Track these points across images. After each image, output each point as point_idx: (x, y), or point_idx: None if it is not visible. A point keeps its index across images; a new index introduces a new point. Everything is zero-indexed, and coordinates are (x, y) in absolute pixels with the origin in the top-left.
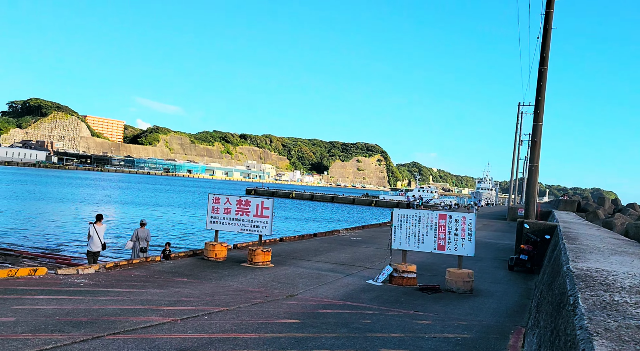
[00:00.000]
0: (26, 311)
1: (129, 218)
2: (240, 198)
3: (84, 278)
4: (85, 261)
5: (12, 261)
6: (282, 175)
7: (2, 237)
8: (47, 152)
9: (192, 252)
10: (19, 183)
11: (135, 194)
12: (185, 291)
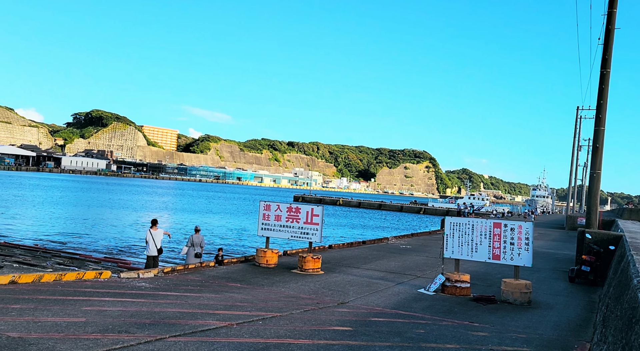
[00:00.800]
0: (95, 312)
1: (184, 224)
2: (290, 205)
3: (145, 282)
4: (144, 265)
5: (78, 264)
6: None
7: (69, 242)
8: (107, 161)
9: (244, 258)
10: (82, 191)
11: (189, 201)
12: (239, 297)
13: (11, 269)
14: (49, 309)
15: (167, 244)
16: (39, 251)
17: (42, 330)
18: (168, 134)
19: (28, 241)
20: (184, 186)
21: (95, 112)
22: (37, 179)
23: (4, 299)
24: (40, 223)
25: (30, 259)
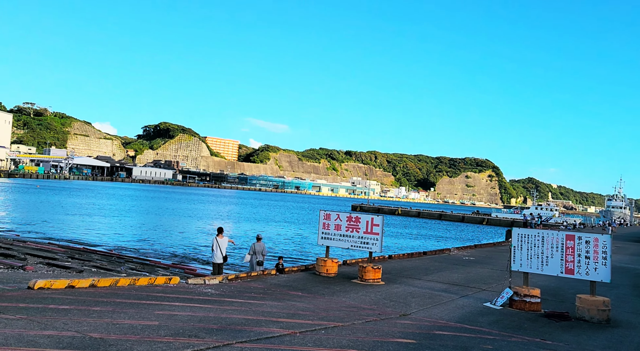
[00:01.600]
0: (166, 316)
1: (246, 232)
2: (350, 214)
3: (211, 288)
4: (209, 271)
5: (149, 270)
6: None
7: (140, 248)
8: (174, 171)
9: (304, 267)
10: (152, 199)
11: (250, 209)
12: (301, 305)
13: (90, 273)
14: (125, 312)
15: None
16: (113, 257)
17: (120, 331)
18: (230, 145)
19: (104, 247)
20: (244, 195)
21: (163, 124)
22: (112, 189)
23: (86, 301)
24: (115, 230)
25: (106, 265)
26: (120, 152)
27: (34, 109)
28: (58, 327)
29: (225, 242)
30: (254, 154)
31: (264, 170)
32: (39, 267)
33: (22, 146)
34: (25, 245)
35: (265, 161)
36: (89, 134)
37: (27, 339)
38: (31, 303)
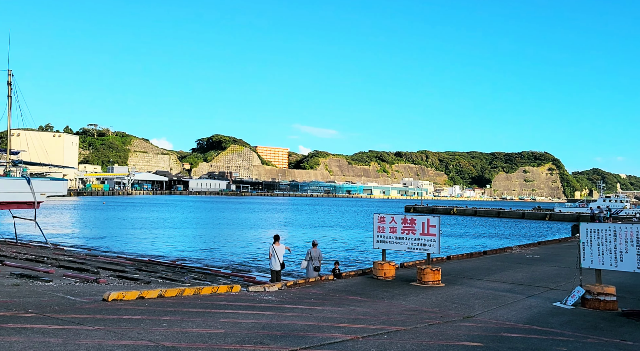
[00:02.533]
0: (231, 324)
1: (301, 238)
2: (405, 216)
3: (271, 295)
4: (267, 279)
5: (210, 279)
6: (440, 191)
7: (201, 258)
8: (227, 182)
9: (361, 271)
10: (209, 210)
11: (303, 215)
12: (361, 310)
13: (157, 284)
14: (192, 321)
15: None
16: (177, 268)
17: (189, 340)
18: (280, 153)
19: (167, 258)
20: (297, 201)
21: (215, 136)
22: (171, 202)
23: (155, 311)
24: (176, 241)
25: (171, 275)
26: (176, 166)
27: (97, 130)
28: (133, 337)
29: (282, 249)
30: (303, 160)
31: (314, 176)
32: (110, 280)
33: (88, 166)
34: (97, 259)
35: (315, 166)
36: (148, 151)
37: (106, 349)
38: (107, 314)
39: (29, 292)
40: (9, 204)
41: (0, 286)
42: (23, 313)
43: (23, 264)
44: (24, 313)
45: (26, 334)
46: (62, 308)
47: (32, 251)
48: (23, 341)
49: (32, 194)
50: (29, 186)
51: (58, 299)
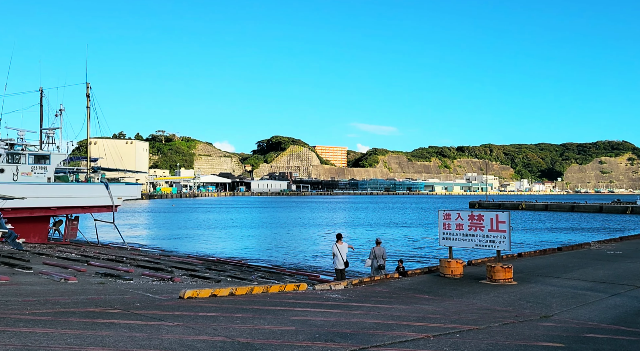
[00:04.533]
0: (301, 322)
1: (363, 236)
2: (472, 212)
3: (337, 294)
4: (330, 277)
5: (276, 277)
6: (506, 185)
7: (266, 257)
8: (288, 182)
9: (427, 269)
10: (271, 210)
11: (364, 214)
12: (430, 308)
13: (227, 282)
14: (263, 318)
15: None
16: (244, 267)
17: (262, 336)
18: (338, 152)
19: (234, 257)
20: (357, 200)
21: (275, 138)
22: (234, 203)
23: (228, 309)
24: (241, 241)
25: (239, 274)
26: (238, 168)
27: (164, 136)
28: (210, 333)
29: (345, 248)
30: (362, 158)
31: (373, 174)
32: (184, 278)
33: (157, 170)
34: (170, 259)
35: (374, 164)
36: (211, 154)
37: (186, 344)
38: (184, 311)
39: (113, 290)
40: (90, 208)
41: (89, 285)
42: (110, 309)
43: (106, 264)
44: (111, 309)
45: (115, 329)
46: (144, 305)
47: (112, 252)
48: (113, 336)
49: (110, 198)
50: (107, 191)
51: (139, 296)
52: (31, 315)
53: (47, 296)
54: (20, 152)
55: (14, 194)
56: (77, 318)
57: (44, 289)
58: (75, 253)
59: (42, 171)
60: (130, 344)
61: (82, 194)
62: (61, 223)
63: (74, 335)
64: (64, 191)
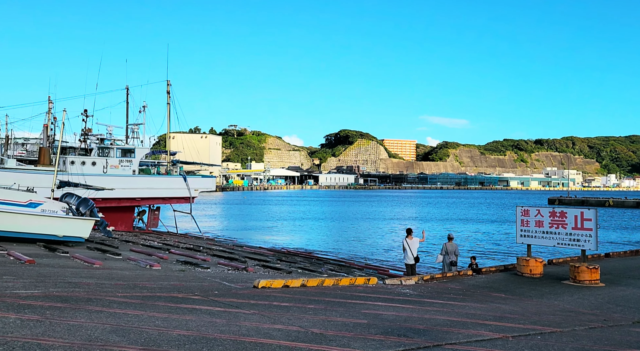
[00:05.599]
0: (372, 316)
1: (433, 231)
2: (553, 209)
3: (408, 289)
4: (399, 272)
5: (345, 271)
6: (590, 181)
7: (335, 250)
8: (355, 175)
9: (503, 267)
10: (338, 204)
11: (434, 209)
12: (507, 308)
13: (297, 274)
14: (335, 310)
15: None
16: (313, 259)
17: (335, 328)
18: (407, 145)
19: (303, 249)
20: (426, 194)
21: (343, 132)
22: (302, 195)
23: (300, 299)
24: (310, 233)
25: (308, 266)
26: (307, 162)
27: (236, 130)
28: (284, 322)
29: (415, 243)
30: (432, 152)
31: (444, 168)
32: (256, 268)
33: (230, 163)
34: (243, 249)
35: (445, 158)
36: (280, 148)
37: (263, 331)
38: (259, 300)
39: (192, 277)
40: (170, 199)
41: (171, 272)
42: (191, 295)
43: (185, 253)
44: (192, 295)
45: (196, 314)
46: (221, 292)
47: (189, 241)
48: (195, 320)
49: (188, 190)
50: (185, 183)
51: (216, 284)
52: (123, 297)
53: (135, 281)
54: (109, 146)
55: (104, 186)
56: (163, 302)
57: (132, 275)
58: (157, 241)
59: (128, 164)
60: (211, 329)
61: (162, 186)
62: (144, 212)
63: (161, 318)
64: (147, 183)
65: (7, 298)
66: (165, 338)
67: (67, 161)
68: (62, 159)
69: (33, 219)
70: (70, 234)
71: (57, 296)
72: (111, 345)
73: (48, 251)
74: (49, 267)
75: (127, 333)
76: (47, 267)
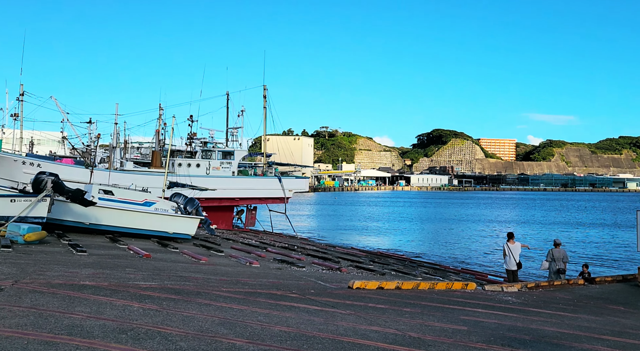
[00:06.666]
0: (473, 322)
1: (538, 236)
2: None
3: (510, 296)
4: (499, 278)
5: (440, 274)
6: None
7: (429, 253)
8: (449, 176)
9: (621, 277)
10: (432, 206)
11: (538, 212)
12: (628, 322)
13: (391, 276)
14: (432, 314)
15: (523, 256)
16: (406, 261)
17: (433, 333)
18: (505, 145)
19: (396, 251)
20: (527, 196)
21: (435, 131)
22: (395, 197)
23: (395, 302)
24: (402, 236)
25: (402, 268)
26: (398, 162)
27: (327, 132)
28: (380, 324)
29: (517, 248)
30: (534, 151)
31: (547, 168)
32: (350, 269)
33: (321, 164)
34: (335, 250)
35: (549, 157)
36: (371, 148)
37: (360, 332)
38: (355, 301)
39: (289, 275)
40: (266, 199)
41: (268, 269)
42: (289, 293)
43: (281, 251)
44: (290, 293)
45: (295, 311)
46: (317, 291)
47: (284, 240)
48: (294, 318)
49: (282, 190)
50: (280, 184)
51: (312, 283)
52: (227, 292)
53: (237, 277)
54: (211, 149)
55: (207, 186)
56: (263, 299)
57: (234, 271)
58: (254, 240)
59: (228, 166)
60: (310, 327)
61: (259, 186)
62: (242, 212)
63: (262, 314)
64: (245, 184)
65: (130, 288)
66: (267, 333)
67: (175, 163)
68: (171, 161)
69: (149, 217)
70: (179, 231)
71: (171, 289)
72: (220, 337)
73: (161, 247)
74: (162, 261)
75: (234, 326)
76: (160, 261)
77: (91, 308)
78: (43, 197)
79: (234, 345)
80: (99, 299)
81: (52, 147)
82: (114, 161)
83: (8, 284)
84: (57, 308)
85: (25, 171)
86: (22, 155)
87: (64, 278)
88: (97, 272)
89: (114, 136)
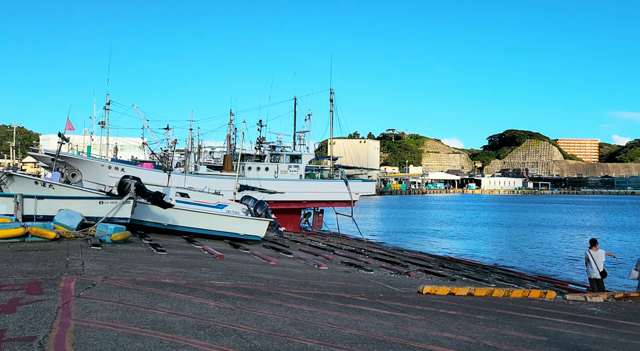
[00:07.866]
0: (553, 333)
1: (626, 243)
2: None
3: (595, 307)
4: (580, 287)
5: (516, 282)
6: None
7: (501, 259)
8: (523, 179)
9: None
10: (505, 210)
11: (624, 218)
12: None
13: (462, 282)
14: (508, 323)
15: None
16: (478, 267)
17: (510, 342)
18: (587, 145)
19: (466, 257)
20: (612, 200)
21: (508, 132)
22: (464, 200)
23: (468, 309)
24: (473, 240)
25: (474, 274)
26: (467, 165)
27: (394, 134)
28: (453, 331)
29: (601, 255)
30: (620, 152)
31: (635, 170)
32: (418, 273)
33: (388, 167)
34: (403, 254)
35: (637, 158)
36: (439, 151)
37: (431, 338)
38: (425, 306)
39: (357, 279)
40: (332, 202)
41: (336, 272)
42: (358, 297)
43: (348, 254)
44: (358, 296)
45: (364, 315)
46: (386, 295)
47: (351, 243)
48: (364, 321)
49: (349, 194)
50: (346, 187)
51: (380, 287)
52: (297, 294)
53: (306, 279)
54: (279, 153)
55: (276, 189)
56: (332, 301)
57: (303, 273)
58: (322, 242)
59: (296, 169)
60: (380, 331)
61: (326, 189)
62: (310, 215)
63: (332, 316)
64: (312, 187)
65: (206, 287)
66: (338, 335)
67: (245, 167)
68: (242, 165)
69: (221, 219)
70: (249, 233)
71: (243, 288)
72: (292, 337)
73: (233, 248)
74: (234, 262)
75: (305, 327)
76: (233, 262)
77: (172, 304)
78: (127, 199)
79: (305, 345)
80: (178, 296)
81: (133, 153)
82: (188, 165)
83: (99, 280)
84: (141, 304)
85: (110, 175)
86: (108, 160)
87: (147, 275)
88: (176, 271)
89: (188, 141)
